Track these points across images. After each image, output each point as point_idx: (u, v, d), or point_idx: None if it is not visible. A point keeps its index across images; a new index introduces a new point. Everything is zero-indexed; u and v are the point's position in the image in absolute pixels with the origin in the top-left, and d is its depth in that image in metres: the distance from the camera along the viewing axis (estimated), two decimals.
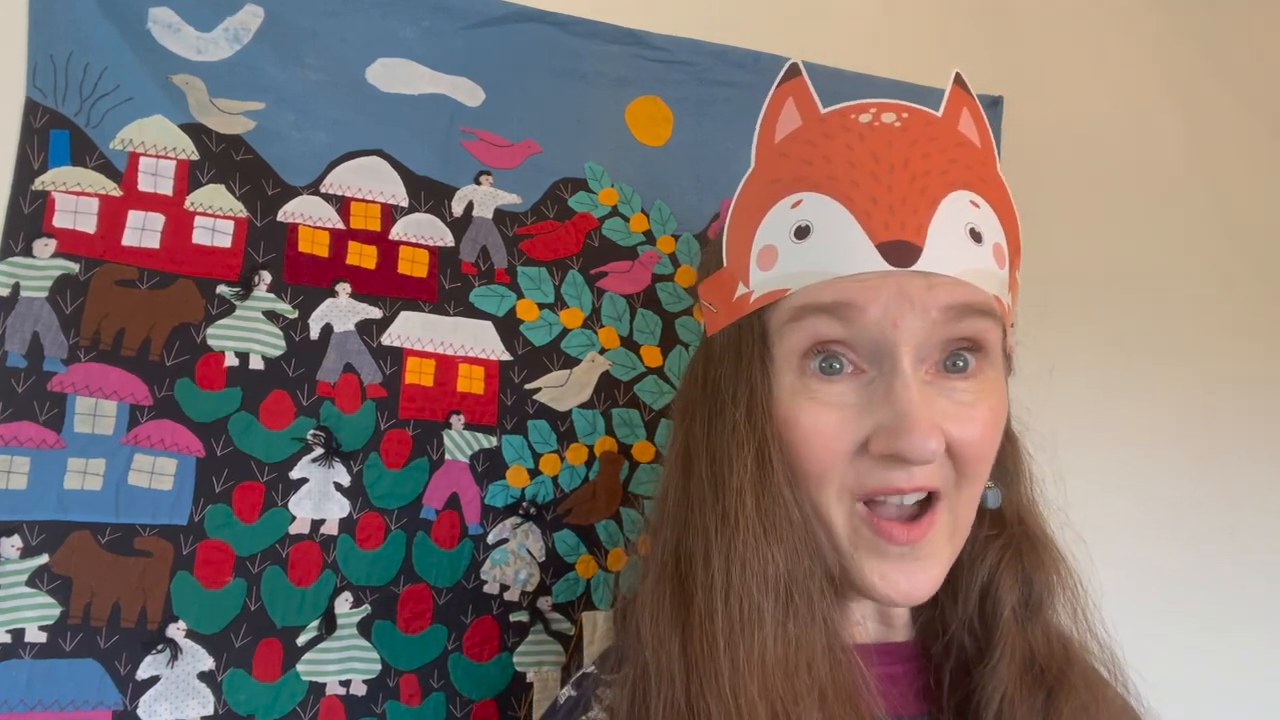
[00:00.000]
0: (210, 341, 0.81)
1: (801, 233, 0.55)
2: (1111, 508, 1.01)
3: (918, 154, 0.55)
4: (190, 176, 0.83)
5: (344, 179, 0.88)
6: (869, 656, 0.60)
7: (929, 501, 0.56)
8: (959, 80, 0.61)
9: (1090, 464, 0.90)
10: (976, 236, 0.55)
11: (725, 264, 0.61)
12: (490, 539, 0.87)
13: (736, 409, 0.56)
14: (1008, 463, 0.63)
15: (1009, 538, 0.62)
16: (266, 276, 0.84)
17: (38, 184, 0.79)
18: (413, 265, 0.89)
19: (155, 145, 0.82)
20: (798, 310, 0.55)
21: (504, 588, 0.86)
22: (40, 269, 0.78)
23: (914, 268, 0.53)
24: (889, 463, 0.54)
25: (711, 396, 0.59)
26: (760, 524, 0.54)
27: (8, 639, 0.72)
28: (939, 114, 0.58)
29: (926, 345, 0.54)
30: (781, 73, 0.61)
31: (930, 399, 0.53)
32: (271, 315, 0.84)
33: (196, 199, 0.83)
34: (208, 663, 0.77)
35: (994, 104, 1.13)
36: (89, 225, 0.79)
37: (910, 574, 0.55)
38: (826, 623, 0.55)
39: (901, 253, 0.53)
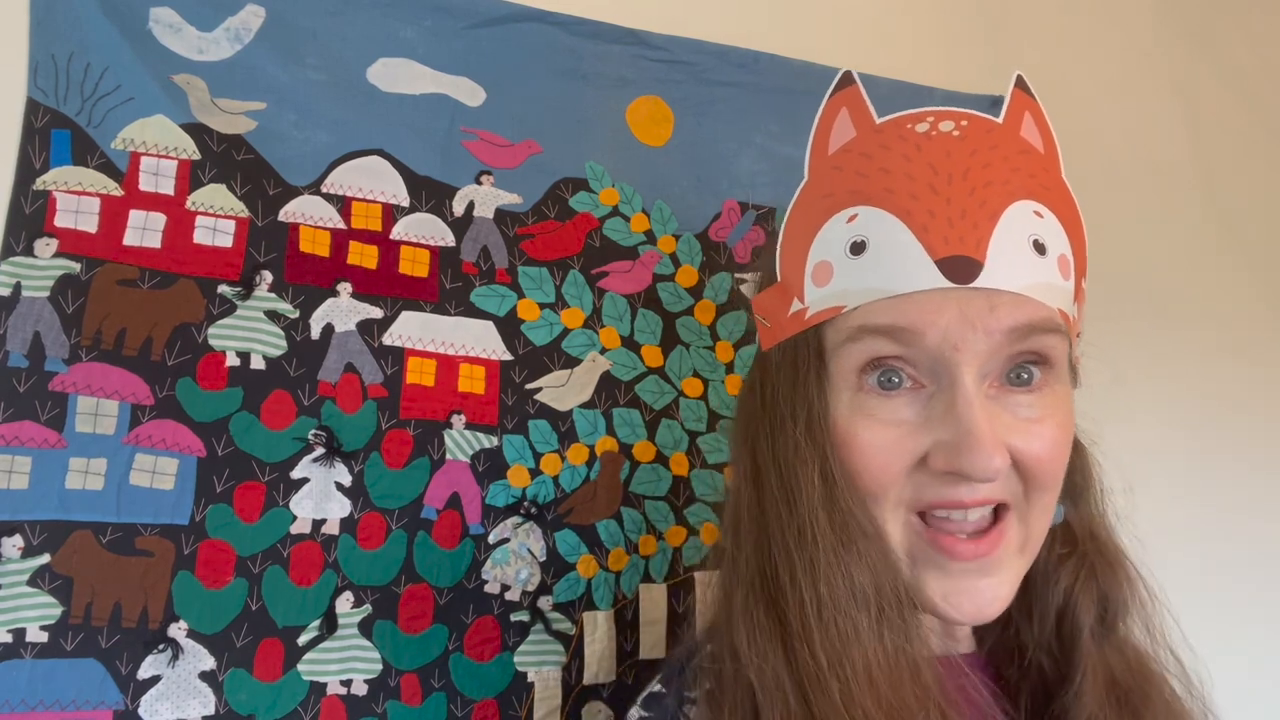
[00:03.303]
0: (211, 341, 0.81)
1: (857, 248, 0.53)
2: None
3: (978, 164, 0.53)
4: (191, 176, 0.83)
5: (345, 179, 0.88)
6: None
7: (997, 512, 0.54)
8: (1020, 83, 0.58)
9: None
10: (1040, 248, 0.53)
11: (779, 279, 0.59)
12: (491, 539, 0.87)
13: (795, 426, 0.55)
14: (1076, 476, 0.61)
15: (1082, 555, 0.60)
16: (268, 276, 0.84)
17: (39, 184, 0.79)
18: (414, 265, 0.89)
19: (156, 145, 0.82)
20: (855, 331, 0.54)
21: (505, 587, 0.86)
22: (42, 269, 0.78)
23: (974, 284, 0.51)
24: (950, 479, 0.52)
25: (770, 412, 0.58)
26: (836, 539, 0.53)
27: (9, 639, 0.72)
28: (1000, 120, 0.56)
29: (990, 363, 0.52)
30: (834, 82, 0.58)
31: (994, 414, 0.51)
32: (273, 315, 0.84)
33: (198, 199, 0.83)
34: (209, 662, 0.77)
35: (994, 104, 1.13)
36: (90, 225, 0.79)
37: (976, 592, 0.53)
38: (917, 632, 0.54)
39: (962, 269, 0.51)
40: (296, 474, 0.82)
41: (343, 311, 0.86)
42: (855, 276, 0.53)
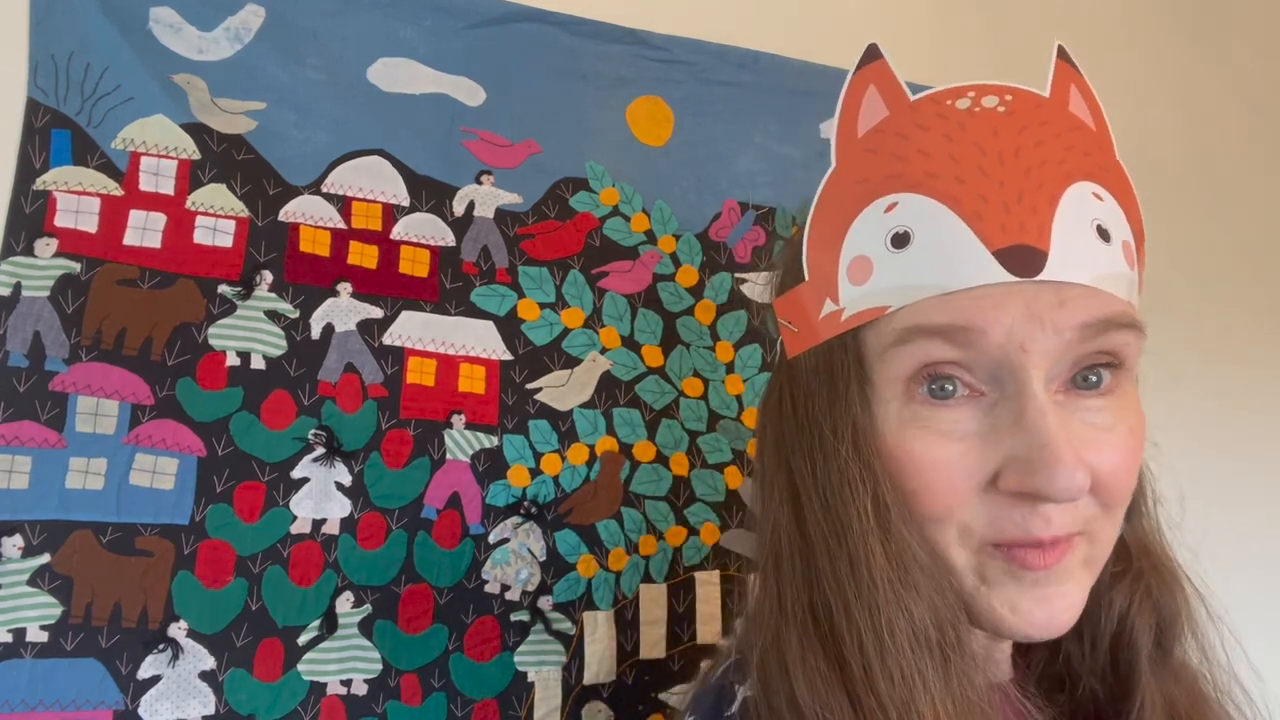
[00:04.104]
0: (211, 341, 0.81)
1: (900, 240, 0.48)
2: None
3: (1029, 141, 0.47)
4: (191, 176, 0.83)
5: (345, 179, 0.88)
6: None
7: None
8: (1063, 54, 0.53)
9: None
10: (1104, 234, 0.47)
11: (807, 277, 0.53)
12: (491, 538, 0.87)
13: (841, 445, 0.49)
14: None
15: (1136, 574, 0.55)
16: (268, 276, 0.84)
17: (39, 184, 0.79)
18: (414, 265, 0.89)
19: (156, 145, 0.82)
20: (904, 332, 0.47)
21: (505, 587, 0.86)
22: (42, 268, 0.78)
23: (1040, 277, 0.45)
24: (1025, 502, 0.46)
25: (806, 429, 0.52)
26: (893, 573, 0.47)
27: (9, 638, 0.72)
28: (1046, 94, 0.51)
29: (1057, 366, 0.47)
30: (859, 57, 0.53)
31: (1064, 424, 0.46)
32: (273, 315, 0.84)
33: (198, 199, 0.83)
34: (209, 662, 0.77)
35: None
36: (90, 225, 0.79)
37: (1045, 601, 0.48)
38: (983, 667, 0.50)
39: (1024, 260, 0.45)
40: (296, 474, 0.82)
41: (343, 311, 0.86)
42: (900, 272, 0.47)
